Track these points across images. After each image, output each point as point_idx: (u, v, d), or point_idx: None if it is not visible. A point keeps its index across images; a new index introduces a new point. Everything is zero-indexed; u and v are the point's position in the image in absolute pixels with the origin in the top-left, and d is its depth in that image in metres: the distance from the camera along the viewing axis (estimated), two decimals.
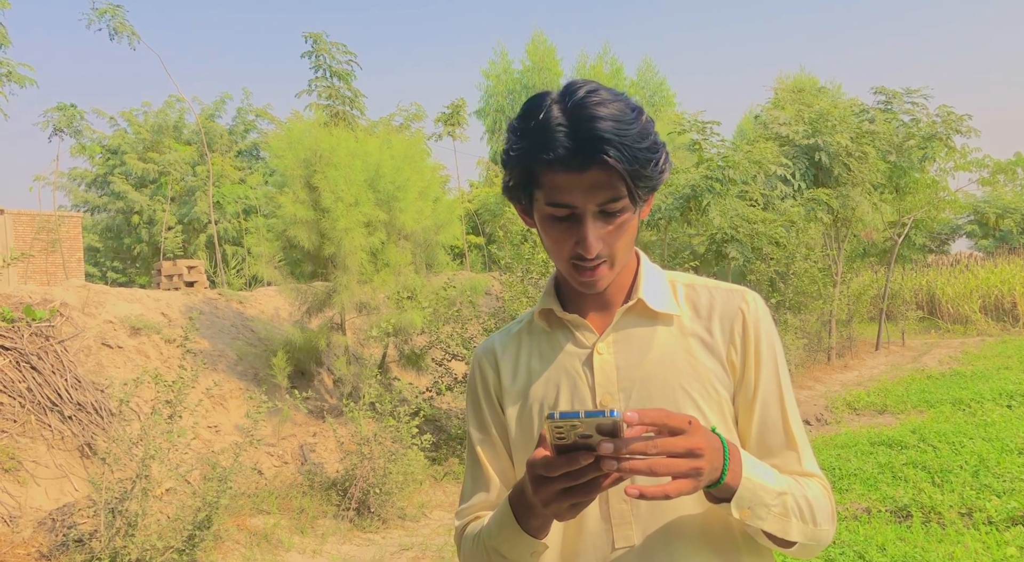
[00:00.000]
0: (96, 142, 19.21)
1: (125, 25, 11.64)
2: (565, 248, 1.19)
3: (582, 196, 1.14)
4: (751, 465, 1.11)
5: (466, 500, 1.38)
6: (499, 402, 1.35)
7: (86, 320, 7.26)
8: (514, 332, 1.40)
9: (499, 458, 1.36)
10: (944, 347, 15.31)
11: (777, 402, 1.25)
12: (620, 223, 1.18)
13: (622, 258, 1.21)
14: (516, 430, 1.32)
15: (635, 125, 1.14)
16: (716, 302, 1.28)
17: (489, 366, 1.38)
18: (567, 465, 0.95)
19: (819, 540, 1.20)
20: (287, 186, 8.28)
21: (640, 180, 1.14)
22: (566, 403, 1.26)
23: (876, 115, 13.46)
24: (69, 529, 5.09)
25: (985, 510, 5.09)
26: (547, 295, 1.35)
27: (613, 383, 1.24)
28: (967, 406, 8.63)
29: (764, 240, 10.49)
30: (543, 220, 1.21)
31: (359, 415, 6.47)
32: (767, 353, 1.25)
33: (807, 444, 1.27)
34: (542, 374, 1.31)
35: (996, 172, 15.18)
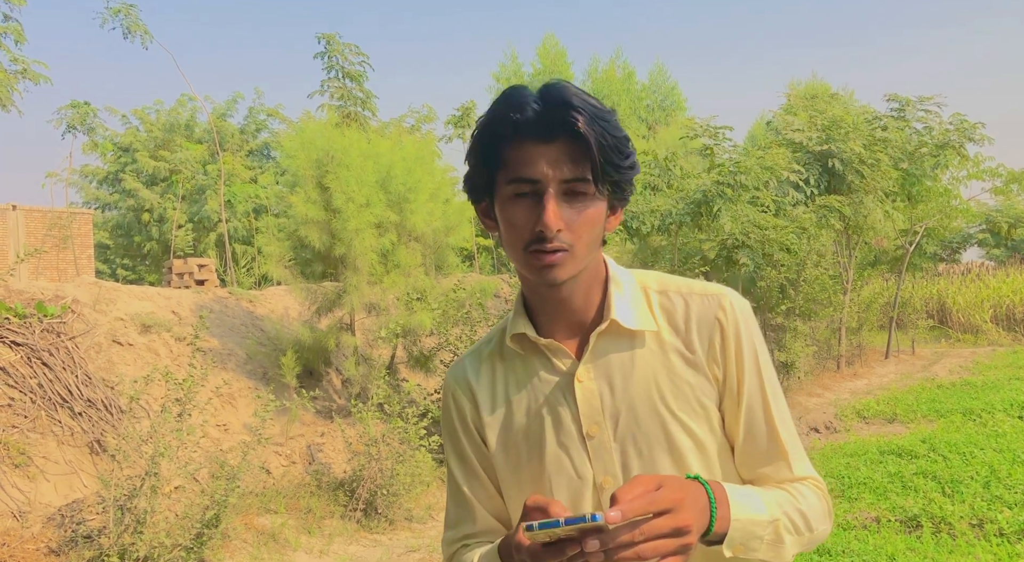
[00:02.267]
0: (108, 140, 19.31)
1: (138, 24, 11.70)
2: (524, 232, 1.13)
3: (547, 167, 1.10)
4: (738, 502, 1.08)
5: (453, 529, 1.35)
6: (479, 433, 1.30)
7: (97, 317, 7.28)
8: (485, 355, 1.33)
9: (483, 488, 1.32)
10: (954, 356, 15.23)
11: (762, 410, 1.21)
12: (585, 211, 1.13)
13: (584, 253, 1.15)
14: (502, 461, 1.28)
15: (607, 112, 1.12)
16: (692, 312, 1.22)
17: (464, 397, 1.32)
18: (553, 557, 0.96)
19: (815, 542, 1.19)
20: (298, 186, 8.29)
21: (609, 164, 1.11)
22: (551, 436, 1.22)
23: (889, 123, 13.41)
24: (78, 525, 5.11)
25: (996, 521, 5.06)
26: (517, 316, 1.27)
27: (598, 412, 1.20)
28: (978, 416, 8.58)
29: (775, 246, 10.45)
30: (503, 206, 1.16)
31: (367, 416, 6.47)
32: (749, 360, 1.21)
33: (797, 447, 1.23)
34: (523, 405, 1.26)
35: (1009, 181, 15.12)
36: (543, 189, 1.11)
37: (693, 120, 12.18)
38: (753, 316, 1.25)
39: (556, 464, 1.21)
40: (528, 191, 1.12)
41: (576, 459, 1.20)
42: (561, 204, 1.11)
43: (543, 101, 1.11)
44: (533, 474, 1.23)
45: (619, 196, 1.18)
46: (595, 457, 1.20)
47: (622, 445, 1.19)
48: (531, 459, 1.24)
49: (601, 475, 1.20)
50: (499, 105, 1.14)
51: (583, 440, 1.20)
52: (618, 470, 1.19)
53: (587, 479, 1.20)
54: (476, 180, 1.20)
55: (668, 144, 20.46)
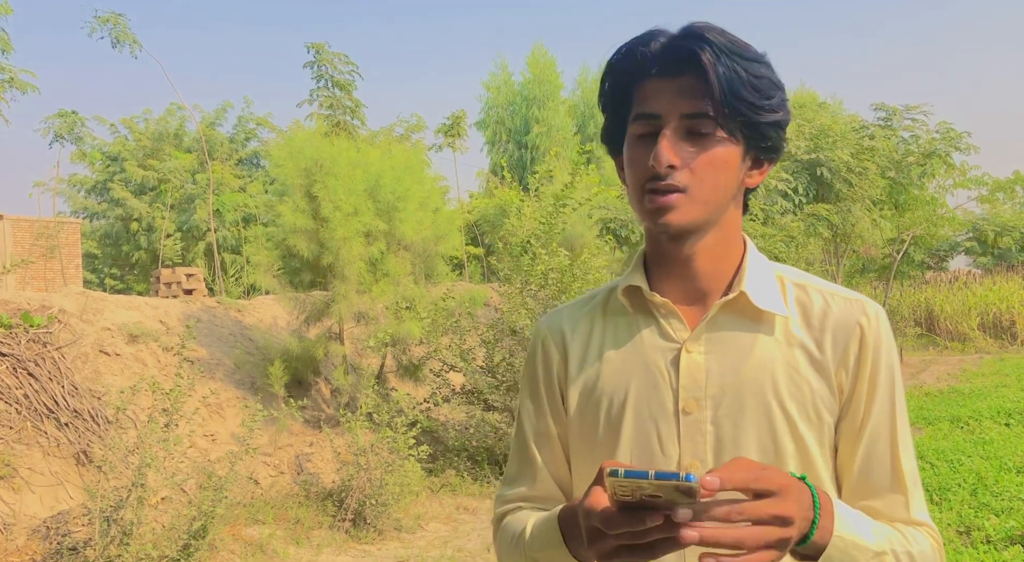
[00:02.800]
0: (96, 149, 19.24)
1: (127, 34, 11.67)
2: (640, 171, 1.05)
3: (668, 102, 1.03)
4: (845, 519, 0.96)
5: (510, 486, 1.26)
6: (561, 389, 1.20)
7: (84, 327, 7.24)
8: (586, 309, 1.23)
9: (551, 449, 1.22)
10: (942, 364, 15.30)
11: (888, 437, 1.08)
12: (707, 151, 1.03)
13: (706, 199, 1.05)
14: (577, 423, 1.18)
15: (750, 50, 1.05)
16: (831, 311, 1.10)
17: (555, 346, 1.22)
18: (629, 525, 0.83)
19: None
20: (287, 195, 8.28)
21: (738, 101, 1.01)
22: (641, 402, 1.11)
23: (876, 131, 13.51)
24: (64, 537, 5.07)
25: (983, 529, 5.08)
26: (635, 271, 1.17)
27: (701, 389, 1.09)
28: (965, 424, 8.62)
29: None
30: (628, 147, 1.09)
31: (356, 425, 6.45)
32: (884, 379, 1.08)
33: (919, 487, 1.09)
34: (617, 366, 1.15)
35: (995, 190, 15.29)
36: (663, 125, 1.04)
37: None
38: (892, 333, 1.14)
39: (641, 437, 1.11)
40: (649, 130, 1.05)
41: (664, 435, 1.10)
42: (680, 142, 1.03)
43: (672, 35, 1.05)
44: (611, 444, 1.13)
45: (761, 144, 1.08)
46: (686, 436, 1.09)
47: (718, 430, 1.08)
48: (612, 427, 1.13)
49: (689, 457, 1.08)
50: (627, 43, 1.08)
51: (677, 416, 1.09)
52: (709, 455, 1.07)
53: (672, 459, 1.09)
54: (609, 127, 1.14)
55: None
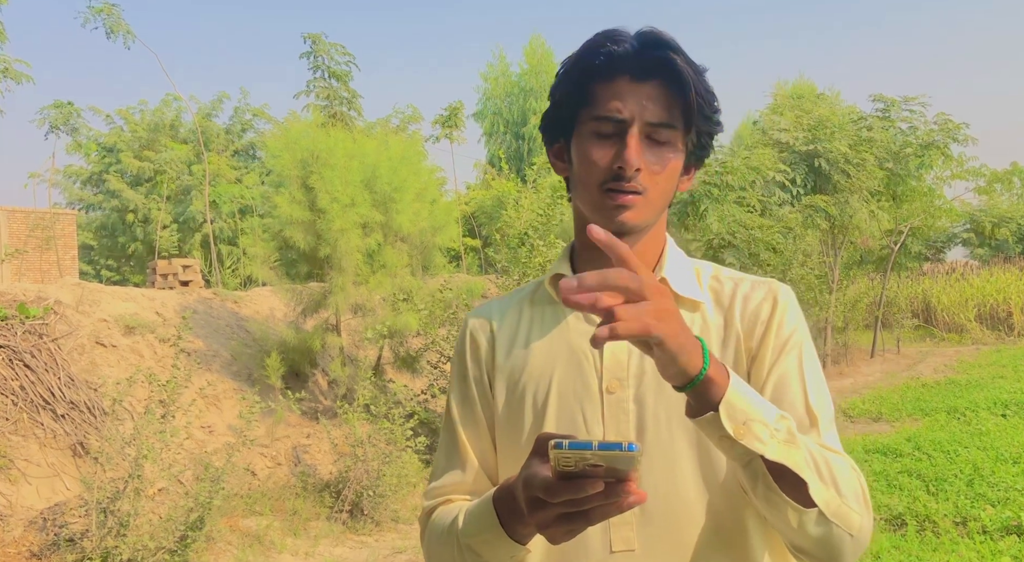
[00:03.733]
0: (92, 140, 19.18)
1: (121, 24, 11.62)
2: (600, 169, 1.09)
3: (636, 106, 1.07)
4: (741, 382, 0.93)
5: (437, 478, 1.25)
6: (489, 376, 1.23)
7: (80, 318, 7.22)
8: (514, 301, 1.27)
9: (480, 438, 1.23)
10: (939, 355, 15.33)
11: (798, 380, 1.09)
12: (665, 158, 1.09)
13: (657, 203, 1.11)
14: (503, 410, 1.20)
15: (702, 67, 1.11)
16: (739, 291, 1.17)
17: (483, 334, 1.25)
18: (571, 492, 0.84)
19: (847, 522, 0.97)
20: (283, 186, 8.25)
21: (700, 114, 1.08)
22: (566, 384, 1.15)
23: (874, 123, 13.48)
24: (60, 528, 5.06)
25: (980, 519, 5.09)
26: (561, 261, 1.23)
27: (624, 368, 1.13)
28: (962, 415, 8.64)
29: (761, 246, 10.48)
30: (582, 142, 1.12)
31: (353, 417, 6.45)
32: (792, 336, 1.12)
33: (832, 425, 1.09)
34: (543, 351, 1.19)
35: (993, 181, 15.25)
36: (627, 128, 1.07)
37: None
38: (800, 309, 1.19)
39: (566, 418, 1.14)
40: (611, 131, 1.08)
41: (589, 415, 1.13)
42: (644, 148, 1.08)
43: (640, 39, 1.08)
44: (537, 427, 1.16)
45: (698, 155, 1.15)
46: (609, 415, 1.12)
47: (640, 407, 1.12)
48: (538, 410, 1.16)
49: (612, 435, 1.12)
50: (595, 40, 1.10)
51: (601, 395, 1.13)
52: (632, 432, 1.11)
53: (597, 437, 1.12)
54: (557, 117, 1.16)
55: None
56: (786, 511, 0.96)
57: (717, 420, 0.90)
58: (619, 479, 0.84)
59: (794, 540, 1.01)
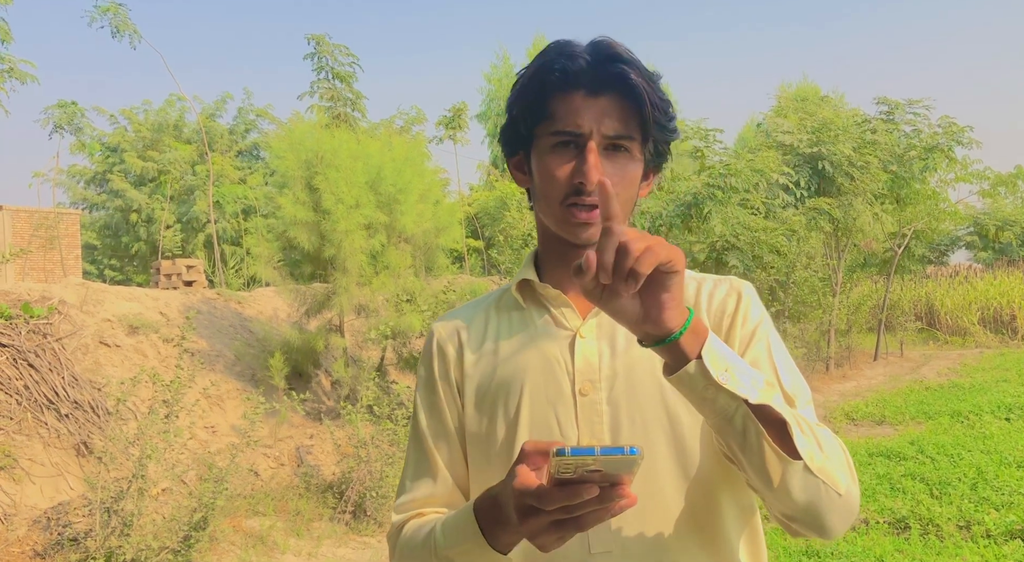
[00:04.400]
0: (96, 140, 19.21)
1: (127, 23, 11.63)
2: (561, 184, 1.10)
3: (593, 120, 1.08)
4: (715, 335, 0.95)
5: (407, 491, 1.22)
6: (458, 385, 1.22)
7: (84, 318, 7.23)
8: (481, 308, 1.26)
9: (450, 448, 1.21)
10: (942, 359, 15.30)
11: (769, 366, 1.10)
12: (624, 168, 1.11)
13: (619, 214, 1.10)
14: (474, 418, 1.19)
15: (654, 74, 1.12)
16: (703, 291, 1.19)
17: (451, 344, 1.24)
18: (566, 499, 0.84)
19: (834, 480, 0.97)
20: (287, 187, 8.27)
21: (656, 124, 1.10)
22: (538, 388, 1.14)
23: (878, 125, 13.46)
24: (64, 528, 5.06)
25: (983, 523, 5.07)
26: (526, 267, 1.23)
27: (596, 371, 1.14)
28: (965, 418, 8.62)
29: (765, 248, 10.47)
30: (542, 157, 1.12)
31: (356, 418, 6.45)
32: (760, 330, 1.14)
33: (808, 403, 1.09)
34: (513, 357, 1.18)
35: (997, 184, 15.21)
36: (585, 142, 1.09)
37: (683, 122, 12.20)
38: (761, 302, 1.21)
39: (540, 422, 1.13)
40: (570, 145, 1.10)
41: (563, 418, 1.13)
42: (602, 160, 1.09)
43: (593, 54, 1.09)
44: (510, 432, 1.14)
45: (655, 162, 1.17)
46: (583, 417, 1.12)
47: (614, 409, 1.12)
48: (511, 416, 1.15)
49: (587, 437, 1.12)
50: (548, 54, 1.12)
51: (575, 398, 1.13)
52: (606, 433, 1.11)
53: (571, 440, 1.12)
54: (515, 131, 1.17)
55: None
56: (772, 465, 0.94)
57: (702, 367, 0.90)
58: (613, 483, 0.84)
59: (782, 506, 0.99)
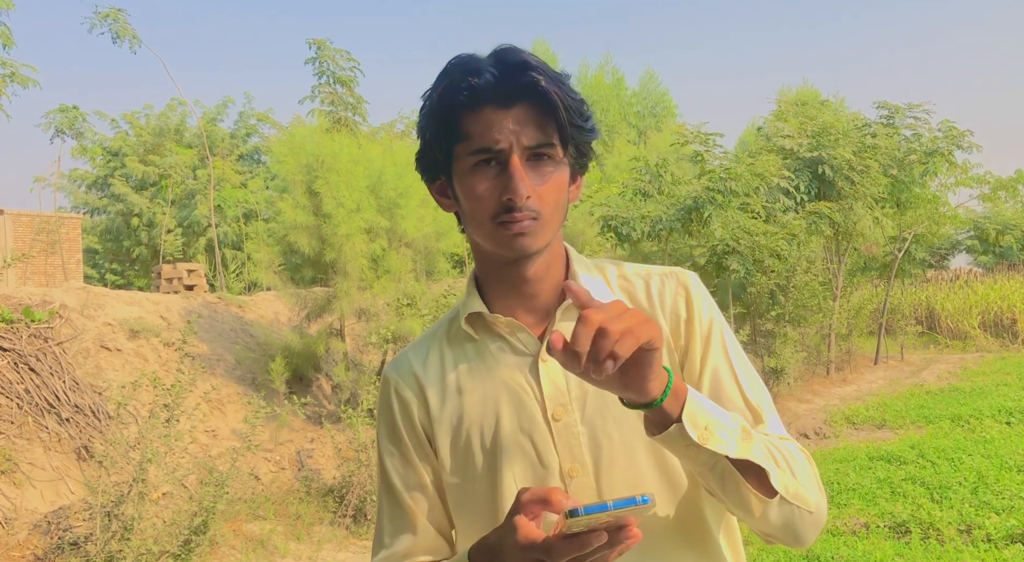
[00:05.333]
0: (97, 144, 19.23)
1: (127, 29, 11.66)
2: (489, 203, 1.06)
3: (509, 133, 1.04)
4: (694, 390, 0.98)
5: (386, 547, 1.18)
6: (426, 432, 1.17)
7: (85, 322, 7.24)
8: (433, 346, 1.21)
9: (427, 498, 1.17)
10: (943, 363, 15.28)
11: (730, 375, 1.12)
12: (551, 177, 1.07)
13: (551, 222, 1.08)
14: (451, 461, 1.15)
15: (563, 75, 1.08)
16: (652, 289, 1.17)
17: (410, 389, 1.18)
18: (577, 550, 0.84)
19: (806, 501, 1.02)
20: (288, 191, 8.28)
21: (572, 127, 1.06)
22: (512, 420, 1.11)
23: (878, 129, 13.48)
24: (64, 532, 5.07)
25: (984, 527, 5.07)
26: (470, 297, 1.18)
27: (564, 393, 1.11)
28: (966, 422, 8.61)
29: (765, 252, 10.47)
30: (463, 179, 1.08)
31: (357, 421, 6.45)
32: (712, 328, 1.15)
33: (773, 413, 1.12)
34: (478, 392, 1.14)
35: (997, 188, 15.24)
36: (507, 157, 1.04)
37: (684, 126, 12.21)
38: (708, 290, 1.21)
39: (518, 453, 1.11)
40: (491, 162, 1.06)
41: (540, 445, 1.10)
42: (526, 171, 1.05)
43: (499, 66, 1.04)
44: (491, 470, 1.12)
45: (580, 163, 1.13)
46: (561, 443, 1.10)
47: (591, 429, 1.10)
48: (490, 453, 1.12)
49: (568, 462, 1.09)
50: (452, 73, 1.06)
51: (548, 424, 1.10)
52: (587, 456, 1.09)
53: (552, 468, 1.10)
54: (432, 156, 1.12)
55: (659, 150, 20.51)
56: (752, 503, 1.00)
57: (682, 430, 0.94)
58: (620, 526, 0.85)
59: (761, 527, 1.05)
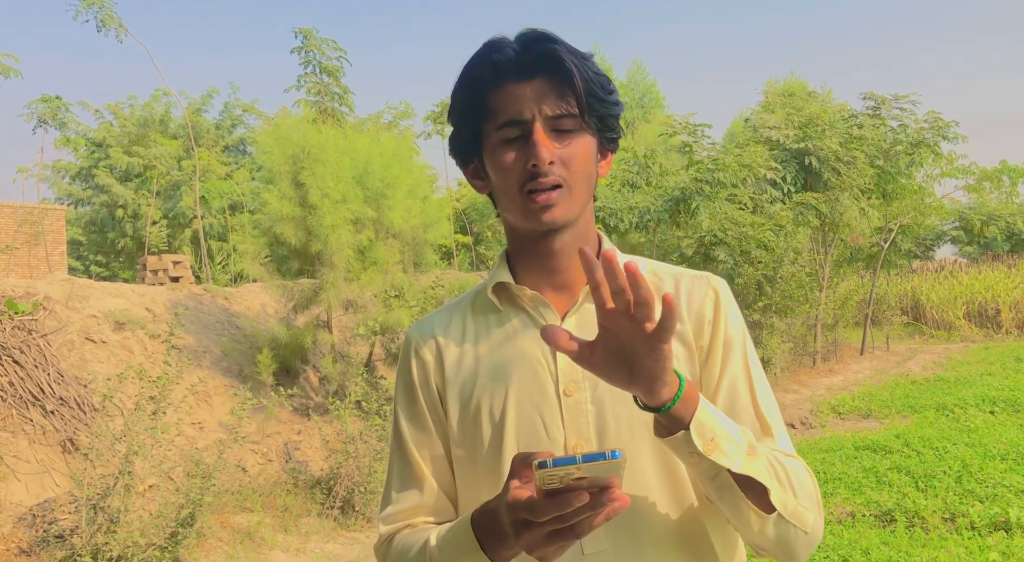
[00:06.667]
0: (81, 135, 19.06)
1: (112, 17, 11.55)
2: (515, 173, 1.09)
3: (531, 104, 1.08)
4: (706, 401, 0.99)
5: (393, 503, 1.21)
6: (439, 393, 1.20)
7: (69, 314, 7.18)
8: (456, 312, 1.25)
9: (435, 457, 1.20)
10: (928, 353, 15.40)
11: (746, 385, 1.14)
12: (575, 145, 1.10)
13: (580, 191, 1.11)
14: (459, 425, 1.18)
15: (586, 53, 1.12)
16: (682, 288, 1.19)
17: (429, 351, 1.22)
18: (558, 509, 0.84)
19: (803, 521, 1.04)
20: (274, 182, 8.23)
21: (593, 97, 1.09)
22: (523, 391, 1.14)
23: (864, 121, 13.52)
24: (50, 525, 5.04)
25: (968, 515, 5.11)
26: (500, 269, 1.21)
27: (578, 371, 1.12)
28: (951, 411, 8.68)
29: (752, 243, 10.51)
30: (493, 155, 1.12)
31: (345, 413, 6.44)
32: (736, 336, 1.16)
33: (783, 429, 1.14)
34: (494, 361, 1.17)
35: (981, 179, 15.31)
36: (530, 127, 1.08)
37: (672, 118, 12.22)
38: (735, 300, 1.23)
39: (525, 424, 1.13)
40: (517, 135, 1.09)
41: (548, 419, 1.13)
42: (549, 138, 1.08)
43: (520, 42, 1.10)
44: (497, 437, 1.14)
45: (607, 136, 1.16)
46: (569, 418, 1.12)
47: (599, 408, 1.12)
48: (496, 420, 1.15)
49: (574, 437, 1.12)
50: (477, 52, 1.12)
51: (559, 399, 1.13)
52: (592, 434, 1.11)
53: (558, 442, 1.12)
54: (463, 136, 1.16)
55: (647, 142, 20.51)
56: (749, 517, 1.02)
57: (688, 438, 0.95)
58: (602, 487, 0.85)
59: (754, 541, 1.06)
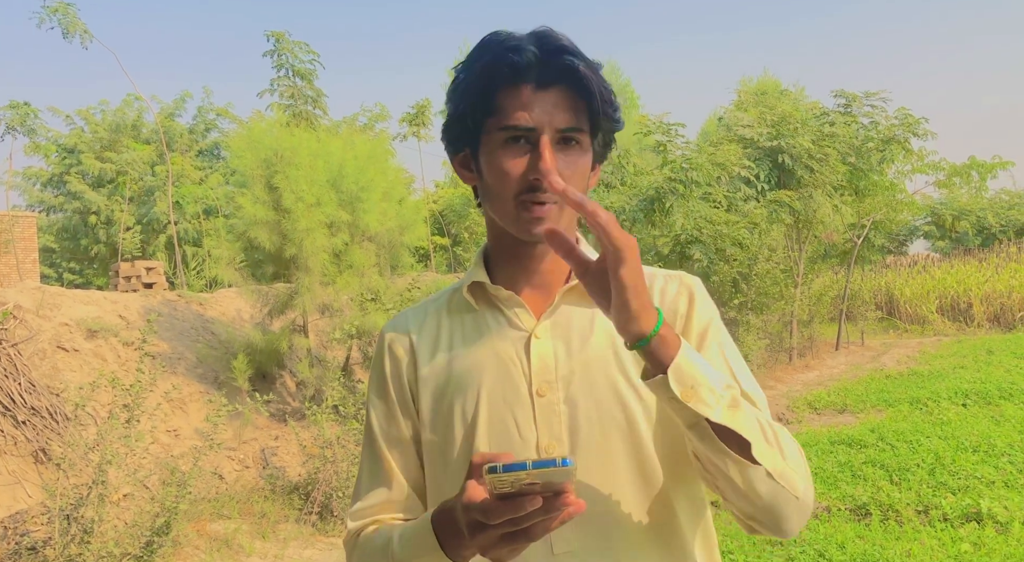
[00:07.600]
0: (51, 141, 18.81)
1: (77, 23, 11.38)
2: (514, 181, 1.08)
3: (544, 114, 1.06)
4: (691, 349, 0.97)
5: (362, 499, 1.21)
6: (411, 390, 1.20)
7: (41, 323, 7.09)
8: (431, 310, 1.25)
9: (405, 455, 1.21)
10: (902, 347, 15.56)
11: (725, 368, 1.12)
12: (576, 160, 1.09)
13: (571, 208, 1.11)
14: (430, 423, 1.18)
15: (598, 64, 1.11)
16: (655, 285, 1.19)
17: (403, 348, 1.22)
18: (510, 512, 0.85)
19: (792, 485, 1.01)
20: (247, 186, 8.17)
21: (604, 115, 1.09)
22: (495, 390, 1.13)
23: (836, 118, 13.64)
24: (22, 537, 4.97)
25: (941, 507, 5.18)
26: (476, 268, 1.21)
27: (552, 371, 1.13)
28: (924, 405, 8.78)
29: (727, 241, 10.57)
30: (491, 153, 1.10)
31: (322, 418, 6.40)
32: (712, 328, 1.16)
33: (766, 407, 1.11)
34: (467, 359, 1.16)
35: (951, 175, 15.49)
36: (537, 137, 1.07)
37: (646, 117, 12.26)
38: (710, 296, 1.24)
39: (498, 424, 1.13)
40: (521, 140, 1.08)
41: (520, 419, 1.12)
42: (555, 153, 1.07)
43: (540, 46, 1.07)
44: (468, 435, 1.14)
45: (602, 152, 1.16)
46: (541, 418, 1.12)
47: (571, 408, 1.11)
48: (468, 419, 1.14)
49: (547, 438, 1.11)
50: (493, 47, 1.09)
51: (532, 399, 1.12)
52: (565, 434, 1.11)
53: (530, 442, 1.11)
54: (461, 126, 1.14)
55: (621, 141, 20.59)
56: (731, 468, 0.98)
57: (666, 382, 0.94)
58: (556, 492, 0.85)
59: (743, 504, 1.03)
